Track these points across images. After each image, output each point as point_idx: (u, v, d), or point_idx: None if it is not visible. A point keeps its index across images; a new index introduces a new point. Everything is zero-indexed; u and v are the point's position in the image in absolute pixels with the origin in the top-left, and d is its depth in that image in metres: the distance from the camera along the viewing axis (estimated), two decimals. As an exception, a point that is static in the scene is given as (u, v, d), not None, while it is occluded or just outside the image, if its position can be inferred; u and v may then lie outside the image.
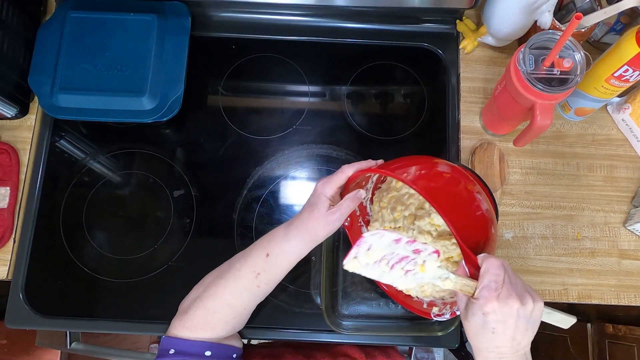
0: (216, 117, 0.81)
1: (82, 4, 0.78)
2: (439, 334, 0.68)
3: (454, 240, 0.59)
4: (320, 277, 0.67)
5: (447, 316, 0.58)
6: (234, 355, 0.61)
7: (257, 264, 0.58)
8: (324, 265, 0.68)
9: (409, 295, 0.65)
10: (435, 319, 0.60)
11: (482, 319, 0.47)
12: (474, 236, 0.51)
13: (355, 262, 0.50)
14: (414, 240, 0.50)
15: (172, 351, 0.57)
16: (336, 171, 0.57)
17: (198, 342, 0.58)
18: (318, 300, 0.67)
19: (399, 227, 0.64)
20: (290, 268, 0.59)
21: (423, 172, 0.54)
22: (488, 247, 0.52)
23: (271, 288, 0.61)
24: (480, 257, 0.49)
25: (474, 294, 0.49)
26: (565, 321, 0.55)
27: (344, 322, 0.70)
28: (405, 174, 0.53)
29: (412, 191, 0.63)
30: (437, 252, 0.51)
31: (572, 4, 0.75)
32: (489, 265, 0.48)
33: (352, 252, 0.50)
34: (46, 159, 0.78)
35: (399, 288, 0.61)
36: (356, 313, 0.72)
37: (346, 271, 0.60)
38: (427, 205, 0.62)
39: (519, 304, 0.47)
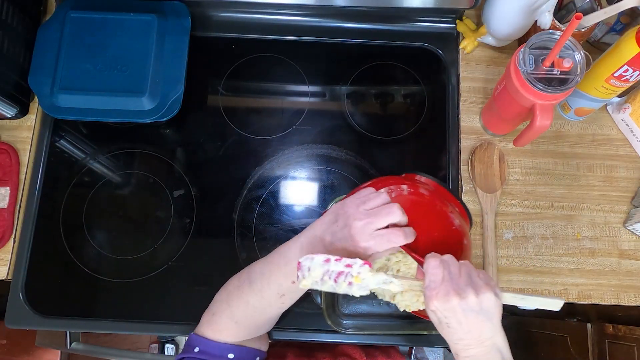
0: (216, 117, 0.81)
1: (82, 4, 0.78)
2: (435, 332, 0.68)
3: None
4: None
5: None
6: (257, 359, 0.62)
7: (283, 287, 0.57)
8: None
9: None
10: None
11: (434, 316, 0.48)
12: (449, 248, 0.52)
13: (305, 282, 0.52)
14: (341, 258, 0.51)
15: (196, 349, 0.58)
16: (385, 237, 0.49)
17: (222, 345, 0.59)
18: (318, 300, 0.67)
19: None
20: None
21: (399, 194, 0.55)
22: (463, 255, 0.55)
23: (294, 301, 0.61)
24: (425, 257, 0.49)
25: None
26: (554, 303, 0.54)
27: (344, 322, 0.70)
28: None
29: None
30: (367, 263, 0.51)
31: (572, 4, 0.75)
32: (428, 265, 0.48)
33: (298, 275, 0.52)
34: (46, 159, 0.78)
35: (361, 295, 0.62)
36: (356, 312, 0.72)
37: None
38: None
39: (458, 299, 0.46)
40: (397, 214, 0.49)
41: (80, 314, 0.72)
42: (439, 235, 0.54)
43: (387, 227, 0.51)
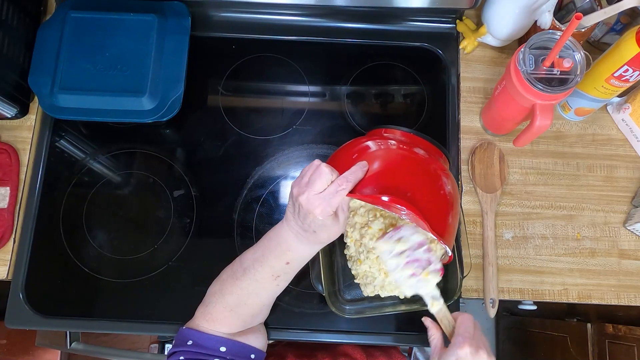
0: (216, 117, 0.81)
1: (82, 4, 0.78)
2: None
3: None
4: (319, 264, 0.67)
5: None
6: (252, 356, 0.61)
7: (276, 269, 0.59)
8: (322, 251, 0.67)
9: None
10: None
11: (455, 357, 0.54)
12: (441, 214, 0.56)
13: (384, 246, 0.57)
14: (431, 250, 0.58)
15: (189, 342, 0.59)
16: (329, 186, 0.52)
17: (215, 337, 0.59)
18: (320, 288, 0.67)
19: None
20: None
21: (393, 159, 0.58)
22: (454, 220, 0.58)
23: (288, 283, 0.62)
24: (457, 313, 0.58)
25: (449, 335, 0.57)
26: None
27: (347, 307, 0.70)
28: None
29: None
30: (442, 270, 0.58)
31: (572, 4, 0.75)
32: (464, 319, 0.56)
33: (388, 235, 0.57)
34: (46, 159, 0.78)
35: (392, 290, 0.66)
36: (359, 297, 0.72)
37: (344, 256, 0.68)
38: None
39: (486, 356, 0.54)
40: (325, 171, 0.52)
41: (80, 314, 0.72)
42: (428, 190, 0.56)
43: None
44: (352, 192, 0.53)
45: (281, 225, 0.58)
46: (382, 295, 0.68)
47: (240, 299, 0.60)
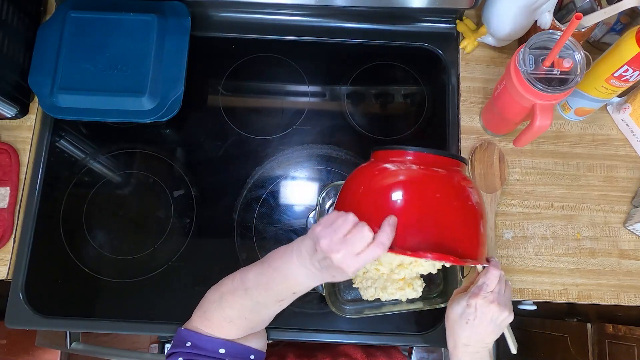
0: (216, 117, 0.81)
1: (82, 4, 0.78)
2: (442, 305, 0.68)
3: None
4: None
5: None
6: (252, 357, 0.61)
7: (281, 295, 0.58)
8: None
9: None
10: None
11: (463, 309, 0.59)
12: (475, 238, 0.55)
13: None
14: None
15: (188, 344, 0.58)
16: (367, 256, 0.50)
17: (214, 339, 0.59)
18: (319, 288, 0.67)
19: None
20: None
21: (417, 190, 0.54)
22: (485, 231, 0.57)
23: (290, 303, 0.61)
24: (491, 259, 0.60)
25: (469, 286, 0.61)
26: (513, 346, 0.66)
27: (347, 307, 0.70)
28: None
29: None
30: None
31: (572, 4, 0.75)
32: (491, 273, 0.58)
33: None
34: (46, 159, 0.78)
35: (392, 293, 0.67)
36: (359, 297, 0.71)
37: None
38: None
39: (497, 310, 0.57)
40: (368, 235, 0.50)
41: (80, 314, 0.72)
42: (454, 211, 0.54)
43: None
44: (390, 248, 0.51)
45: (291, 258, 0.55)
46: (383, 299, 0.67)
47: (241, 313, 0.59)
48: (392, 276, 0.66)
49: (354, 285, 0.69)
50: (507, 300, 0.60)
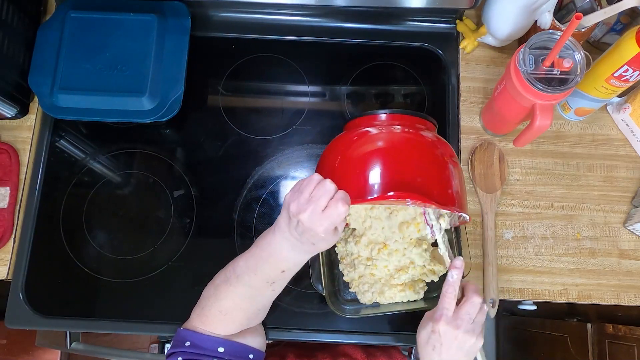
0: (216, 117, 0.81)
1: (82, 4, 0.78)
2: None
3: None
4: (319, 265, 0.67)
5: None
6: (251, 356, 0.61)
7: (271, 276, 0.58)
8: (322, 252, 0.67)
9: None
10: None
11: (429, 334, 0.56)
12: (444, 185, 0.58)
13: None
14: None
15: (187, 343, 0.58)
16: (327, 205, 0.51)
17: (213, 338, 0.59)
18: (319, 288, 0.67)
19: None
20: None
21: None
22: (461, 183, 0.61)
23: (284, 287, 0.62)
24: (469, 285, 0.58)
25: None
26: None
27: (346, 307, 0.70)
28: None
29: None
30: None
31: (572, 4, 0.75)
32: (469, 298, 0.57)
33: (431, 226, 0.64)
34: (46, 159, 0.78)
35: (391, 297, 0.68)
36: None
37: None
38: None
39: (463, 337, 0.55)
40: (329, 188, 0.51)
41: (80, 314, 0.72)
42: (432, 168, 0.58)
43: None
44: (359, 199, 0.53)
45: (273, 234, 0.56)
46: (381, 302, 0.68)
47: (236, 303, 0.59)
48: (391, 281, 0.66)
49: (350, 290, 0.69)
50: (477, 324, 0.56)
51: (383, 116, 0.63)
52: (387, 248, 0.66)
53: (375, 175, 0.56)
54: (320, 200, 0.50)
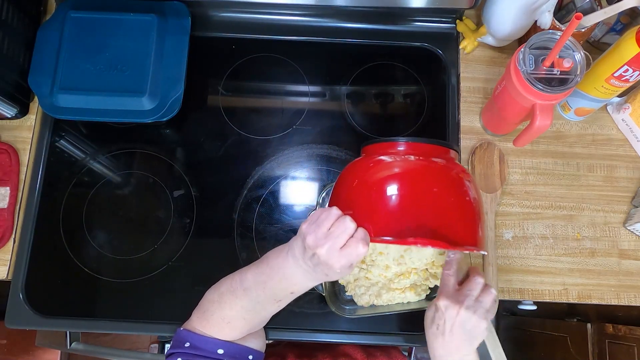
0: (216, 117, 0.81)
1: (82, 4, 0.78)
2: None
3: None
4: None
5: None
6: (250, 357, 0.61)
7: (279, 295, 0.58)
8: None
9: None
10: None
11: (433, 313, 0.56)
12: (470, 224, 0.54)
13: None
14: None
15: (187, 344, 0.58)
16: (346, 243, 0.50)
17: (212, 340, 0.59)
18: (319, 288, 0.67)
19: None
20: None
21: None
22: (482, 222, 0.55)
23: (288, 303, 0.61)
24: (473, 268, 0.59)
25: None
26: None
27: (347, 307, 0.70)
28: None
29: None
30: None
31: (572, 4, 0.75)
32: (471, 277, 0.57)
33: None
34: (46, 159, 0.78)
35: (389, 300, 0.68)
36: None
37: None
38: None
39: (465, 314, 0.54)
40: (350, 227, 0.50)
41: (80, 314, 0.72)
42: (451, 203, 0.53)
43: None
44: (378, 237, 0.51)
45: (286, 258, 0.55)
46: (377, 304, 0.68)
47: (239, 314, 0.59)
48: (389, 284, 0.66)
49: (346, 293, 0.69)
50: (480, 305, 0.55)
51: (404, 145, 0.57)
52: (382, 254, 0.66)
53: (396, 215, 0.52)
54: (340, 237, 0.49)
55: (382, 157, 0.56)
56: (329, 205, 0.56)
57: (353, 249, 0.49)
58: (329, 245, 0.49)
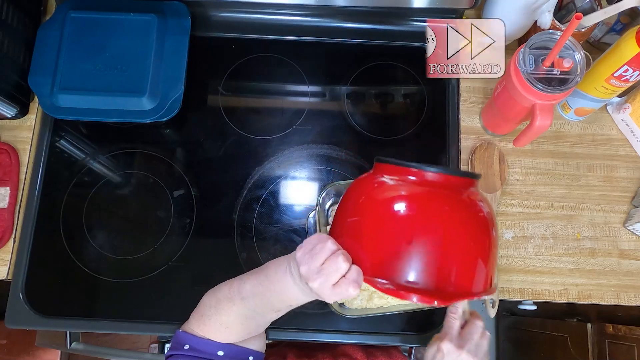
0: (216, 117, 0.81)
1: (82, 4, 0.78)
2: (443, 305, 0.67)
3: None
4: None
5: None
6: (250, 358, 0.61)
7: (277, 307, 0.58)
8: None
9: None
10: None
11: (434, 352, 0.57)
12: (486, 270, 0.49)
13: None
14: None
15: (186, 346, 0.58)
16: (338, 282, 0.48)
17: (212, 342, 0.59)
18: None
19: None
20: None
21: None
22: (493, 248, 0.50)
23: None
24: (473, 312, 0.61)
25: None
26: None
27: (347, 307, 0.70)
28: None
29: None
30: None
31: (572, 4, 0.75)
32: (472, 321, 0.59)
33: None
34: (46, 159, 0.78)
35: (382, 305, 0.68)
36: None
37: None
38: None
39: (465, 355, 0.56)
40: (342, 267, 0.48)
41: (80, 314, 0.72)
42: (462, 231, 0.48)
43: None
44: (372, 279, 0.47)
45: (285, 274, 0.54)
46: (368, 306, 0.68)
47: (237, 320, 0.59)
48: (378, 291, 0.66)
49: (338, 302, 0.68)
50: (479, 348, 0.57)
51: (426, 174, 0.49)
52: None
53: (400, 259, 0.46)
54: (331, 275, 0.48)
55: (394, 184, 0.50)
56: (333, 222, 0.55)
57: (343, 289, 0.48)
58: (320, 281, 0.48)
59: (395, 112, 0.83)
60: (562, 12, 0.77)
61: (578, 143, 0.81)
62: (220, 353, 0.58)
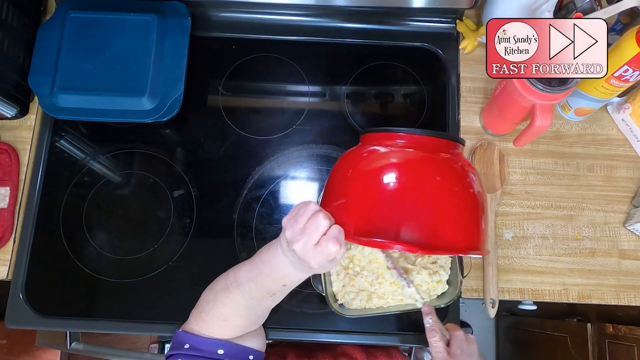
0: (216, 117, 0.81)
1: (82, 4, 0.78)
2: (442, 305, 0.68)
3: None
4: None
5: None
6: (250, 357, 0.61)
7: (272, 289, 0.58)
8: None
9: None
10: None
11: None
12: (472, 225, 0.50)
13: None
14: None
15: (187, 346, 0.58)
16: (319, 241, 0.49)
17: (212, 340, 0.59)
18: (319, 288, 0.67)
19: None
20: None
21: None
22: (486, 222, 0.52)
23: (284, 297, 0.61)
24: (447, 325, 0.63)
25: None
26: None
27: (346, 307, 0.70)
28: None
29: None
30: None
31: (572, 4, 0.75)
32: (453, 335, 0.61)
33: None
34: (46, 159, 0.78)
35: (381, 305, 0.69)
36: None
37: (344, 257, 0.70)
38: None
39: None
40: (322, 224, 0.49)
41: (80, 314, 0.72)
42: (451, 196, 0.49)
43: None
44: (354, 236, 0.49)
45: (276, 251, 0.55)
46: (368, 306, 0.68)
47: (235, 311, 0.59)
48: (377, 292, 0.67)
49: (338, 302, 0.69)
50: (471, 355, 0.60)
51: (404, 137, 0.52)
52: (360, 261, 0.67)
53: (382, 212, 0.48)
54: (313, 234, 0.49)
55: (377, 148, 0.53)
56: (323, 194, 0.57)
57: (324, 247, 0.49)
58: (303, 242, 0.49)
59: (395, 112, 0.83)
60: (562, 12, 0.77)
61: (578, 143, 0.81)
62: (221, 352, 0.58)
